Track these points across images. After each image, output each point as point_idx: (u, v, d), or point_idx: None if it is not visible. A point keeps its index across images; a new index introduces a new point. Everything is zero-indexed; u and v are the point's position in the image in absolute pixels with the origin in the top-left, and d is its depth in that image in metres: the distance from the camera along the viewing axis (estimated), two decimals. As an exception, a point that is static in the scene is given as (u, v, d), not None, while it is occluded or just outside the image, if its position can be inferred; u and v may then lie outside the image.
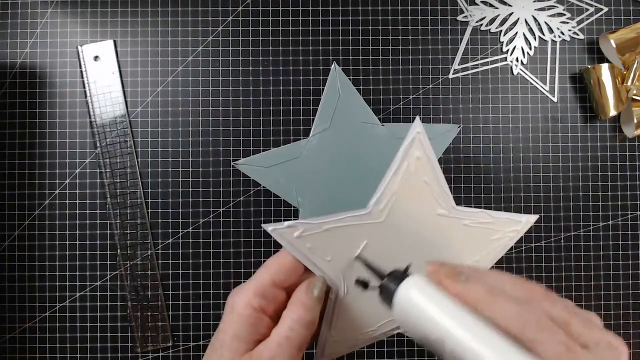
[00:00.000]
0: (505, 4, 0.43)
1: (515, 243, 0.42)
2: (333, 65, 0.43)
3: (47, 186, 0.42)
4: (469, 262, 0.29)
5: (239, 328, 0.24)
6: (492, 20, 0.43)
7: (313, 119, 0.42)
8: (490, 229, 0.29)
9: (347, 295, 0.28)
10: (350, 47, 0.43)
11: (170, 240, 0.42)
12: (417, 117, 0.27)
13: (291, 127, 0.43)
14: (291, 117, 0.43)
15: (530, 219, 0.30)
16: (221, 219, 0.42)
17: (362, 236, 0.27)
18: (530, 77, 0.43)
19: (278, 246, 0.44)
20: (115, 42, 0.42)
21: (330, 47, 0.43)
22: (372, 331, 0.29)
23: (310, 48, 0.43)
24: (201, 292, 0.42)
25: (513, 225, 0.29)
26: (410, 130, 0.27)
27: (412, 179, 0.27)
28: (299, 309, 0.24)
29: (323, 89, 0.42)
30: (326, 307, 0.28)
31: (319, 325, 0.28)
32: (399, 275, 0.23)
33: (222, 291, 0.42)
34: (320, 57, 0.43)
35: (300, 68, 0.43)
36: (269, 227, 0.26)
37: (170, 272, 0.42)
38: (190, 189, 0.42)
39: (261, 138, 0.42)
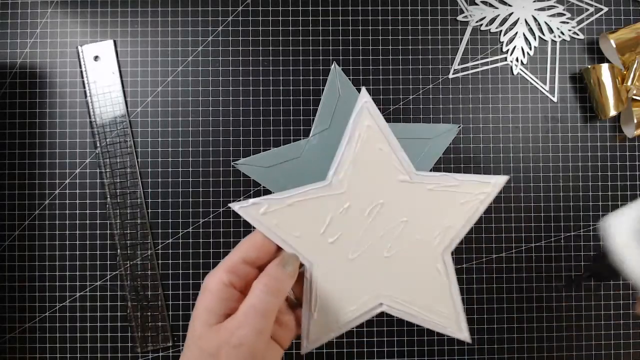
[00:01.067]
0: (505, 4, 0.43)
1: (515, 243, 0.43)
2: (333, 65, 0.43)
3: (47, 186, 0.42)
4: (439, 228, 0.29)
5: (209, 302, 0.24)
6: (492, 20, 0.43)
7: (313, 119, 0.42)
8: (456, 192, 0.29)
9: (324, 273, 0.28)
10: (350, 47, 0.43)
11: (170, 240, 0.42)
12: (363, 88, 0.28)
13: (291, 127, 0.43)
14: (291, 117, 0.43)
15: (499, 180, 0.29)
16: (221, 219, 0.42)
17: (327, 209, 0.28)
18: (530, 77, 0.43)
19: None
20: (115, 42, 0.42)
21: (330, 47, 0.43)
22: (355, 309, 0.29)
23: (310, 48, 0.43)
24: (201, 292, 0.42)
25: (481, 188, 0.29)
26: (357, 101, 0.28)
27: (367, 147, 0.28)
28: (265, 278, 0.25)
29: (323, 89, 0.42)
30: (304, 289, 0.28)
31: (299, 308, 0.28)
32: None
33: (222, 291, 0.42)
34: (320, 57, 0.43)
35: (300, 68, 0.43)
36: (235, 206, 0.27)
37: (170, 272, 0.42)
38: (190, 189, 0.42)
39: (261, 138, 0.42)
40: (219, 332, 0.23)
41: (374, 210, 0.28)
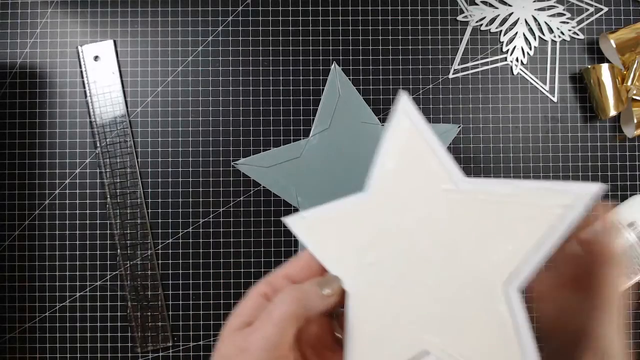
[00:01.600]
0: (505, 4, 0.43)
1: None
2: (333, 65, 0.43)
3: (47, 186, 0.42)
4: (499, 252, 0.22)
5: (240, 308, 0.24)
6: (492, 20, 0.43)
7: (313, 119, 0.42)
8: (519, 203, 0.21)
9: (362, 305, 0.23)
10: (350, 47, 0.43)
11: (170, 240, 0.42)
12: (402, 90, 0.26)
13: (291, 127, 0.43)
14: (291, 117, 0.43)
15: (586, 190, 0.20)
16: (221, 219, 0.42)
17: (364, 225, 0.24)
18: (530, 77, 0.43)
19: (278, 246, 0.44)
20: (115, 42, 0.42)
21: (330, 47, 0.43)
22: (395, 354, 0.23)
23: (310, 48, 0.43)
24: (201, 292, 0.42)
25: (556, 198, 0.21)
26: (396, 103, 0.25)
27: (406, 152, 0.24)
28: (293, 290, 0.23)
29: (323, 89, 0.42)
30: (344, 324, 0.24)
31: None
32: None
33: (222, 291, 0.42)
34: (320, 57, 0.43)
35: (300, 68, 0.43)
36: (286, 220, 0.25)
37: (170, 272, 0.42)
38: (190, 189, 0.42)
39: (261, 138, 0.42)
40: (235, 337, 0.23)
41: (413, 227, 0.23)
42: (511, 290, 0.21)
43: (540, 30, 0.43)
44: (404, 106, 0.24)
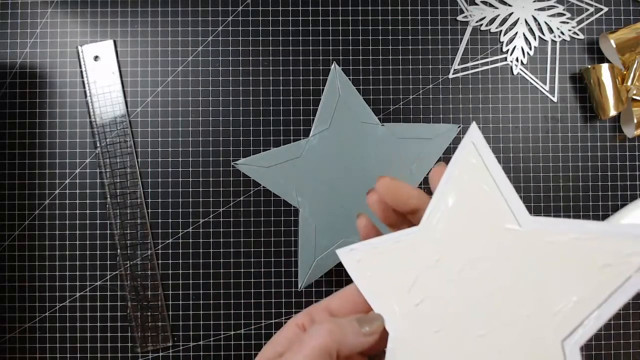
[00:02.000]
0: (505, 4, 0.43)
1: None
2: (333, 65, 0.43)
3: (47, 186, 0.42)
4: (561, 302, 0.19)
5: (275, 337, 0.23)
6: (492, 20, 0.43)
7: (313, 119, 0.42)
8: (593, 248, 0.19)
9: (404, 350, 0.22)
10: (350, 47, 0.43)
11: (170, 240, 0.42)
12: (474, 123, 0.23)
13: (291, 127, 0.43)
14: (291, 117, 0.43)
15: None
16: (221, 219, 0.42)
17: (415, 262, 0.23)
18: (530, 77, 0.43)
19: (278, 246, 0.44)
20: (115, 42, 0.42)
21: (330, 47, 0.43)
22: None
23: (310, 48, 0.43)
24: (201, 292, 0.42)
25: (636, 245, 0.18)
26: (465, 136, 0.23)
27: (469, 188, 0.22)
28: (330, 323, 0.22)
29: (323, 89, 0.42)
30: None
31: None
32: None
33: (222, 291, 0.42)
34: (320, 57, 0.43)
35: (300, 68, 0.43)
36: (337, 251, 0.25)
37: (170, 272, 0.42)
38: (190, 189, 0.42)
39: (261, 138, 0.42)
40: None
41: (468, 267, 0.22)
42: (571, 349, 0.19)
43: (540, 30, 0.43)
44: (475, 140, 0.23)
